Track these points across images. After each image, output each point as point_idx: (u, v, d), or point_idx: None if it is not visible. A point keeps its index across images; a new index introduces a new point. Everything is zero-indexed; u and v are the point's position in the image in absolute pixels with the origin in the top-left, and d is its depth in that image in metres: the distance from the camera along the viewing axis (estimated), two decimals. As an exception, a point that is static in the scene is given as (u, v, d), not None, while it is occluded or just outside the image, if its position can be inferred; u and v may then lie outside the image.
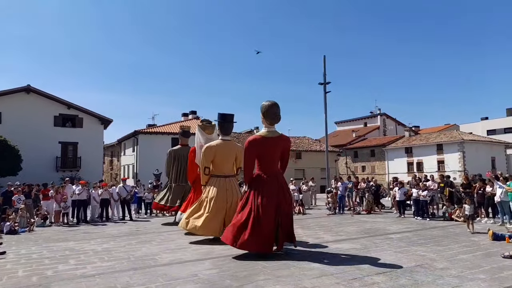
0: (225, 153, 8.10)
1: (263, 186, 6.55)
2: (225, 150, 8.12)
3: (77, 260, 6.42)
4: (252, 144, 6.74)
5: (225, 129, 8.42)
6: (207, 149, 8.10)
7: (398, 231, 9.42)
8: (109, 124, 31.82)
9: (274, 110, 6.87)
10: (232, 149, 8.23)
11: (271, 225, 6.30)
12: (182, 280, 4.96)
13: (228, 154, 8.14)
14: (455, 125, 56.18)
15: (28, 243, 8.50)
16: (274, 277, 5.05)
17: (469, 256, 6.34)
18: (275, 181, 6.66)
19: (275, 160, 6.88)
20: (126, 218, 13.19)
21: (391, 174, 41.59)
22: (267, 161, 6.77)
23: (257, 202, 6.40)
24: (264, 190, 6.49)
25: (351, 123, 62.40)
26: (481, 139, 43.61)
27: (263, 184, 6.57)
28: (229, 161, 8.19)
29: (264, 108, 6.89)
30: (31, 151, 24.79)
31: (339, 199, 14.69)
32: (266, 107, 6.87)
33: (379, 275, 5.10)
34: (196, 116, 40.24)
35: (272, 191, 6.50)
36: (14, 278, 5.32)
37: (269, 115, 6.86)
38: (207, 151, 8.06)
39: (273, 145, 6.78)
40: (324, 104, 22.21)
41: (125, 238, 8.89)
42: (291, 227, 6.69)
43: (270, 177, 6.65)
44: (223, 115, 8.47)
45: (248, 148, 6.76)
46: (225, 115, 8.51)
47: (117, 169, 41.98)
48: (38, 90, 28.39)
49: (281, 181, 6.80)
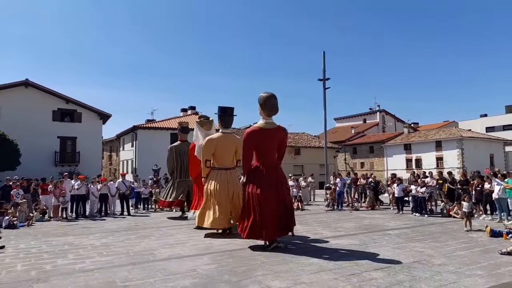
0: (226, 146, 8.18)
1: (261, 177, 6.65)
2: (226, 143, 8.20)
3: (76, 255, 6.44)
4: (251, 136, 6.84)
5: (225, 122, 8.53)
6: (208, 141, 8.17)
7: (396, 227, 9.45)
8: (108, 119, 31.74)
9: (272, 101, 6.90)
10: (232, 142, 8.32)
11: (272, 214, 6.43)
12: (180, 275, 4.98)
13: (229, 146, 8.23)
14: (454, 122, 56.21)
15: (27, 237, 8.50)
16: (273, 272, 5.06)
17: (467, 252, 6.36)
18: (273, 172, 6.79)
19: (272, 151, 6.99)
20: (125, 213, 13.20)
21: (390, 170, 41.60)
22: (265, 152, 6.88)
23: (257, 193, 6.53)
24: (263, 181, 6.60)
25: (350, 119, 62.35)
26: (480, 136, 43.65)
27: (262, 175, 6.67)
28: (230, 154, 8.28)
29: (262, 100, 6.91)
30: (29, 145, 24.73)
31: (337, 195, 14.71)
32: (264, 99, 6.90)
33: (377, 270, 5.12)
34: (195, 111, 40.12)
35: (271, 181, 6.62)
36: (13, 272, 5.33)
37: (267, 107, 6.90)
38: (208, 143, 8.14)
39: (271, 136, 6.87)
40: (324, 100, 22.19)
41: (124, 233, 8.91)
42: (291, 217, 6.81)
43: (268, 168, 6.77)
44: (224, 108, 8.58)
45: (247, 139, 6.85)
46: (226, 108, 8.62)
47: (116, 164, 41.94)
48: (36, 84, 28.26)
49: (279, 172, 6.93)
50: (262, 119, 7.01)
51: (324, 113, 22.44)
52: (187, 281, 4.69)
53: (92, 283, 4.71)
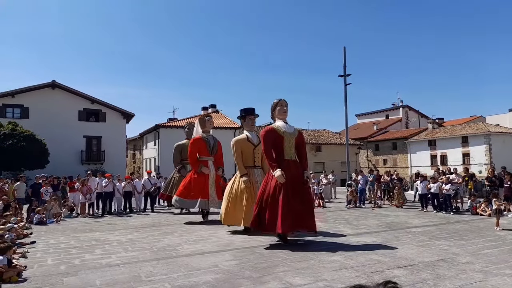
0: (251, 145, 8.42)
1: None
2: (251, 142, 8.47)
3: (103, 250, 6.65)
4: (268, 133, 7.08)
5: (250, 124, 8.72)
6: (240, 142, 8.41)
7: (420, 225, 9.27)
8: (131, 118, 32.47)
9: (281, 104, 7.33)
10: None
11: (289, 207, 6.51)
12: (203, 271, 5.07)
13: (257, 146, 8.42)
14: (481, 117, 54.26)
15: (57, 233, 8.84)
16: (294, 269, 5.08)
17: (495, 250, 6.18)
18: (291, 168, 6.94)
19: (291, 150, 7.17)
20: (148, 210, 13.49)
21: (414, 167, 40.72)
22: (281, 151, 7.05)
23: (272, 187, 6.73)
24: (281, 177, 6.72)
25: (372, 115, 61.26)
26: (509, 131, 41.96)
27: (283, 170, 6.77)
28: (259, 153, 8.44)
29: None
30: (57, 145, 25.61)
31: (359, 192, 14.55)
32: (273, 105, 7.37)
33: (400, 268, 5.05)
34: (216, 109, 40.42)
35: (288, 177, 6.71)
36: (44, 266, 5.56)
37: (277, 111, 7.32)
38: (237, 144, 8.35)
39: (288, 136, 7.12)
40: (344, 97, 21.96)
41: (148, 229, 9.12)
42: (311, 215, 6.87)
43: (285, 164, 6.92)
44: (246, 110, 8.76)
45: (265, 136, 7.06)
46: (247, 109, 8.79)
47: (139, 162, 42.84)
48: (62, 86, 29.22)
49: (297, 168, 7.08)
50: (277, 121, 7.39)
51: (345, 109, 22.22)
52: (209, 277, 4.77)
53: (119, 277, 4.87)
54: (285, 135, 7.00)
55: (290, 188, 6.64)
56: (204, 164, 10.15)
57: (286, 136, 7.00)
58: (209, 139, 10.42)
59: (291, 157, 7.06)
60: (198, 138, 10.33)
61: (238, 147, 8.25)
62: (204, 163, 10.17)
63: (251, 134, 8.53)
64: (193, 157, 10.14)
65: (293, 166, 7.00)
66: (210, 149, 10.31)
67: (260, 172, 8.32)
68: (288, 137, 7.02)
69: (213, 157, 10.39)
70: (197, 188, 9.93)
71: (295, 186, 6.76)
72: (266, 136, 6.97)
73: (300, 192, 6.82)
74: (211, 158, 10.35)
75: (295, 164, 7.08)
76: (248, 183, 7.93)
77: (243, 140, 8.39)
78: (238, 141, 8.38)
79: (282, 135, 6.98)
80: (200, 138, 10.30)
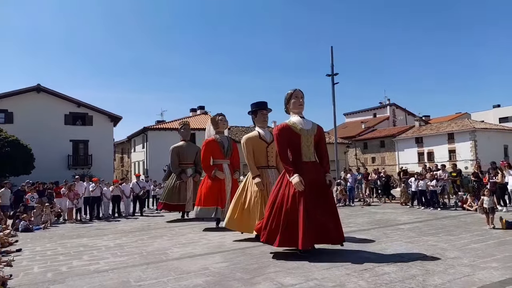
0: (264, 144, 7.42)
1: None
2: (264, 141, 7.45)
3: (91, 256, 6.54)
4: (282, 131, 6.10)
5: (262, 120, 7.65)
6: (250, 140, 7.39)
7: (408, 221, 9.38)
8: (119, 121, 32.17)
9: None
10: None
11: (310, 219, 5.60)
12: (193, 274, 5.02)
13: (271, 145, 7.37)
14: (467, 113, 55.32)
15: (43, 240, 8.67)
16: (285, 269, 5.08)
17: (481, 245, 6.28)
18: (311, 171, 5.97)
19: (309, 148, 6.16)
20: (137, 214, 13.35)
21: (402, 164, 41.18)
22: (298, 151, 6.09)
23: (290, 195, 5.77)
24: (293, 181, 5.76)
25: (360, 114, 61.88)
26: (493, 127, 42.89)
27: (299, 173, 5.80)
28: (272, 152, 7.43)
29: None
30: (43, 149, 25.22)
31: (348, 190, 14.66)
32: None
33: (390, 265, 5.09)
34: (205, 111, 40.32)
35: (307, 182, 5.74)
36: (30, 274, 5.44)
37: None
38: (248, 142, 7.35)
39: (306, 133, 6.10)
40: (332, 96, 22.06)
41: (137, 234, 9.02)
42: (336, 224, 5.92)
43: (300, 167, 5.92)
44: (258, 104, 7.65)
45: (278, 135, 6.07)
46: (259, 103, 7.67)
47: (127, 165, 42.42)
48: (48, 89, 28.79)
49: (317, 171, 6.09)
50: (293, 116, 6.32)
51: (333, 108, 22.28)
52: (200, 280, 4.74)
53: (107, 283, 4.79)
54: (302, 132, 5.96)
55: (310, 195, 5.68)
56: (219, 168, 9.21)
57: (303, 134, 5.96)
58: (223, 141, 9.46)
59: (310, 158, 6.02)
60: (211, 140, 9.39)
61: (249, 146, 7.24)
62: (219, 167, 9.23)
63: (264, 130, 7.48)
64: (206, 162, 9.24)
65: (312, 169, 5.97)
66: (225, 151, 9.38)
67: (275, 173, 7.28)
68: (305, 135, 5.98)
69: (228, 160, 9.49)
70: (214, 195, 9.07)
71: (316, 192, 5.78)
72: (280, 135, 5.97)
73: (322, 199, 5.84)
74: (227, 161, 9.44)
75: (315, 167, 6.04)
76: (261, 186, 6.96)
77: (255, 137, 7.34)
78: (249, 139, 7.33)
79: (299, 133, 5.94)
80: (214, 140, 9.37)
